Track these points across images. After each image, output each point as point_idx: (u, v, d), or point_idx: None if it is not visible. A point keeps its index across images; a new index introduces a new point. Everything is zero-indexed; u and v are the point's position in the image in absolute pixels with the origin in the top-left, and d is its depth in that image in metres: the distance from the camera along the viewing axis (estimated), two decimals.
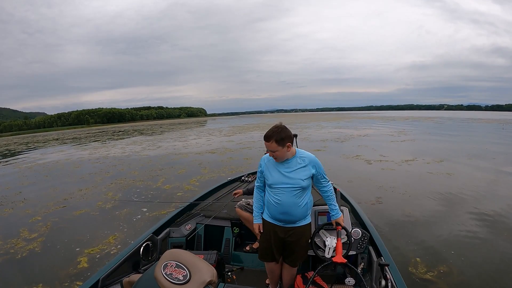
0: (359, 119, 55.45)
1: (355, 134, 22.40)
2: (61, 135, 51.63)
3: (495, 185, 7.27)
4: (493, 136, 19.39)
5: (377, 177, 8.13)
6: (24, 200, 7.55)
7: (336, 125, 36.45)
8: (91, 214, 6.11)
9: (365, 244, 2.57)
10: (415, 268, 3.53)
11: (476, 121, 41.47)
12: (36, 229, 5.38)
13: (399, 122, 39.81)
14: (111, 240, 4.74)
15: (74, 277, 3.70)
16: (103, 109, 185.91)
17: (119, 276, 2.36)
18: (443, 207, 5.71)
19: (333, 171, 8.13)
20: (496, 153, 11.96)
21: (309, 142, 16.28)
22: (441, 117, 59.72)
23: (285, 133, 2.18)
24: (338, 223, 2.43)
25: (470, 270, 3.53)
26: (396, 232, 4.61)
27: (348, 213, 2.62)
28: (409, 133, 22.02)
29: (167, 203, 6.28)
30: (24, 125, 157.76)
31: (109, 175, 10.23)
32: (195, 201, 3.85)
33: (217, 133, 29.66)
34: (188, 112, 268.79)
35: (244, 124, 49.02)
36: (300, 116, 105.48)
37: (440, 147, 14.16)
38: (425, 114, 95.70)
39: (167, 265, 1.53)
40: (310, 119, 60.86)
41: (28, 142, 36.82)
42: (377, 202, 6.02)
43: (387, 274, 2.11)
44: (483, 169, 8.93)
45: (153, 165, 11.87)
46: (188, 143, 20.85)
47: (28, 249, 4.57)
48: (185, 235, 3.23)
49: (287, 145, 2.19)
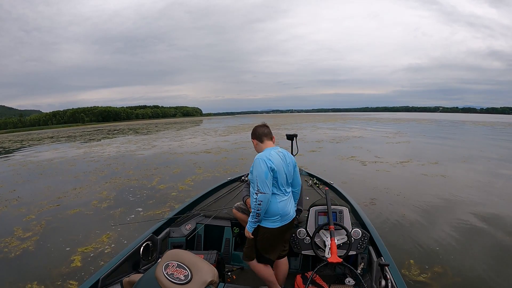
0: (355, 120, 55.68)
1: (350, 135, 22.49)
2: (56, 133, 51.20)
3: (489, 187, 7.34)
4: (487, 139, 19.57)
5: (372, 179, 8.16)
6: (18, 199, 7.46)
7: (332, 126, 36.62)
8: (85, 213, 6.06)
9: (365, 244, 2.57)
10: (408, 270, 3.55)
11: (471, 123, 41.83)
12: (30, 228, 5.32)
13: (394, 124, 40.07)
14: (104, 239, 4.70)
15: (67, 276, 3.68)
16: (98, 108, 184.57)
17: (119, 276, 2.34)
18: (437, 208, 5.75)
19: (328, 172, 8.15)
20: (490, 155, 12.09)
21: (305, 143, 16.30)
22: (436, 119, 60.16)
23: (253, 130, 2.55)
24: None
25: (464, 271, 3.55)
26: (390, 233, 4.61)
27: (348, 213, 2.62)
28: (404, 135, 22.17)
29: (162, 203, 6.26)
30: (19, 122, 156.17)
31: (104, 174, 10.16)
32: (195, 201, 3.84)
33: (213, 133, 29.62)
34: (184, 111, 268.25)
35: (240, 124, 49.03)
36: (295, 117, 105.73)
37: (434, 149, 14.29)
38: (421, 116, 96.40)
39: (169, 265, 1.52)
40: (305, 120, 61.01)
41: (23, 140, 36.46)
42: (370, 203, 6.02)
43: (387, 274, 2.11)
44: (478, 171, 9.03)
45: (148, 164, 11.82)
46: (183, 142, 20.79)
47: (21, 248, 4.52)
48: (185, 235, 3.21)
49: (253, 141, 2.55)
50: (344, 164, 10.49)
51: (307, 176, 5.07)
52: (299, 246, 2.63)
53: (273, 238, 2.42)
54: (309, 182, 4.59)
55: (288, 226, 2.46)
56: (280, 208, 2.35)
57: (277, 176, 2.32)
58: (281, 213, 2.36)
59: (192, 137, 25.95)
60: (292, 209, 2.47)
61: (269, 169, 2.26)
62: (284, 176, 2.37)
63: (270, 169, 2.26)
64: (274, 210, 2.34)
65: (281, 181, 2.35)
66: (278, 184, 2.35)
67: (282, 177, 2.35)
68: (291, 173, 2.46)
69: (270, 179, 2.27)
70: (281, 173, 2.34)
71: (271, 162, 2.29)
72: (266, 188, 2.24)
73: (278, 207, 2.35)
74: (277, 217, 2.36)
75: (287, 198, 2.42)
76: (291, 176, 2.47)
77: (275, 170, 2.29)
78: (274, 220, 2.36)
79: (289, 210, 2.42)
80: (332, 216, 2.52)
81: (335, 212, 2.57)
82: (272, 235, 2.40)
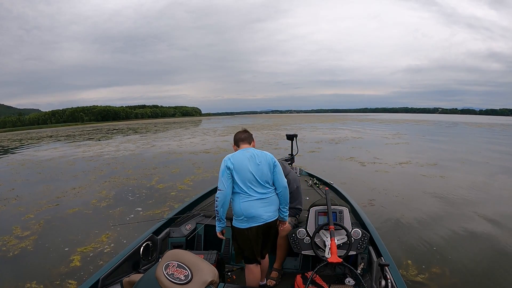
0: (354, 121, 55.71)
1: (349, 136, 22.50)
2: (55, 132, 51.11)
3: (488, 188, 7.37)
4: (486, 140, 19.60)
5: (371, 179, 8.17)
6: (17, 197, 7.45)
7: (331, 126, 36.65)
8: (84, 213, 6.05)
9: (365, 244, 2.57)
10: (406, 271, 3.55)
11: (470, 124, 41.90)
12: (28, 227, 5.31)
13: (393, 125, 40.11)
14: (104, 239, 4.69)
15: (66, 276, 3.67)
16: (97, 107, 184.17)
17: (119, 276, 2.34)
18: (436, 209, 5.76)
19: (327, 173, 8.15)
20: (489, 156, 12.14)
21: (304, 143, 16.28)
22: (435, 120, 60.23)
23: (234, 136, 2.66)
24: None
25: (462, 272, 3.56)
26: (388, 234, 4.60)
27: (348, 213, 2.62)
28: (403, 136, 22.21)
29: (161, 203, 6.25)
30: (18, 121, 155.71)
31: (103, 173, 10.15)
32: (195, 201, 3.84)
33: (212, 133, 29.63)
34: (183, 111, 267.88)
35: (239, 124, 49.01)
36: (295, 117, 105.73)
37: (433, 150, 14.32)
38: (420, 117, 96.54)
39: (169, 265, 1.52)
40: (305, 120, 61.03)
41: (22, 139, 36.33)
42: (369, 204, 6.02)
43: (387, 274, 2.11)
44: (476, 172, 9.06)
45: (147, 164, 11.82)
46: (183, 142, 20.80)
47: (20, 247, 4.51)
48: (185, 235, 3.22)
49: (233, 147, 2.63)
50: (343, 165, 10.50)
51: (307, 176, 5.08)
52: (299, 246, 2.63)
53: (243, 239, 2.44)
54: (309, 182, 4.60)
55: (263, 229, 2.44)
56: (243, 208, 2.35)
57: (237, 174, 2.34)
58: (244, 214, 2.35)
59: (191, 137, 25.96)
60: (267, 212, 2.40)
61: (226, 167, 2.34)
62: (249, 175, 2.35)
63: (226, 167, 2.34)
64: (237, 209, 2.38)
65: (243, 180, 2.35)
66: (239, 183, 2.35)
67: (245, 176, 2.35)
68: (264, 173, 2.39)
69: (226, 177, 2.33)
70: (243, 171, 2.35)
71: (230, 161, 2.36)
72: (221, 185, 2.33)
73: (241, 207, 2.36)
74: (242, 217, 2.38)
75: (257, 199, 2.37)
76: (265, 176, 2.40)
77: (232, 168, 2.34)
78: (241, 221, 2.39)
79: (258, 213, 2.36)
80: (332, 216, 2.52)
81: (335, 212, 2.57)
82: (242, 235, 2.43)
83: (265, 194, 2.40)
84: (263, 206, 2.39)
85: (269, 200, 2.42)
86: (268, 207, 2.42)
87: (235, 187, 2.37)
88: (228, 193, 2.34)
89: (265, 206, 2.40)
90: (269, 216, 2.42)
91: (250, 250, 2.46)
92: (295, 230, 2.67)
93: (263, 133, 26.91)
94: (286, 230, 2.77)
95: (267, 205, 2.41)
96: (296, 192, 3.02)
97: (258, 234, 2.43)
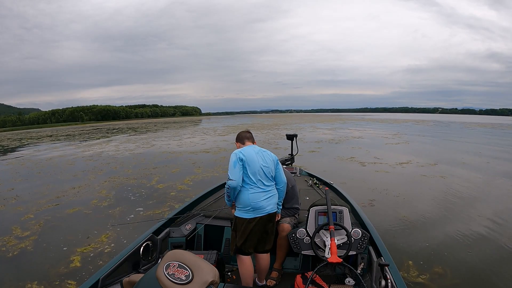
0: (354, 120, 55.74)
1: (349, 135, 22.52)
2: (55, 132, 51.10)
3: (488, 188, 7.37)
4: (486, 141, 19.59)
5: (371, 180, 8.16)
6: (17, 197, 7.44)
7: (331, 126, 36.65)
8: (84, 213, 6.04)
9: (365, 244, 2.56)
10: (406, 272, 3.55)
11: (470, 124, 41.89)
12: (28, 227, 5.30)
13: (393, 125, 40.11)
14: (104, 239, 4.69)
15: (66, 276, 3.66)
16: (97, 106, 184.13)
17: (119, 276, 2.33)
18: (437, 210, 5.75)
19: (327, 173, 8.14)
20: (489, 156, 12.12)
21: (303, 143, 16.27)
22: (435, 120, 60.24)
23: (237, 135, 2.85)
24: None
25: (464, 272, 3.55)
26: (388, 234, 4.59)
27: (348, 213, 2.62)
28: (403, 136, 22.21)
29: (161, 203, 6.25)
30: (18, 121, 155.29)
31: (103, 173, 10.15)
32: (195, 201, 3.84)
33: (212, 132, 29.63)
34: (183, 111, 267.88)
35: (239, 124, 49.02)
36: (294, 117, 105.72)
37: (433, 150, 14.33)
38: (420, 117, 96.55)
39: (170, 265, 1.52)
40: (305, 120, 61.01)
41: (22, 138, 36.30)
42: (369, 204, 6.00)
43: (387, 274, 2.11)
44: (477, 173, 9.04)
45: (147, 163, 11.81)
46: (182, 142, 20.80)
47: (20, 247, 4.50)
48: (185, 235, 3.21)
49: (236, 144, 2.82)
50: (343, 165, 10.50)
51: (307, 176, 5.07)
52: (299, 246, 2.63)
53: (244, 228, 2.55)
54: (309, 182, 4.59)
55: (265, 220, 2.57)
56: (251, 199, 2.51)
57: (248, 166, 2.51)
58: (252, 204, 2.51)
59: (191, 136, 25.96)
60: (271, 205, 2.59)
61: (238, 159, 2.51)
62: (259, 169, 2.54)
63: (239, 159, 2.51)
64: (245, 200, 2.52)
65: (254, 172, 2.52)
66: (250, 174, 2.52)
67: (255, 169, 2.53)
68: (271, 170, 2.62)
69: (239, 168, 2.49)
70: (254, 164, 2.53)
71: (242, 154, 2.54)
72: (233, 175, 2.47)
73: (249, 197, 2.51)
74: (248, 208, 2.53)
75: (262, 191, 2.55)
76: (271, 171, 2.62)
77: (245, 160, 2.51)
78: (247, 211, 2.53)
79: (264, 204, 2.54)
80: (332, 216, 2.52)
81: (335, 212, 2.57)
82: (245, 225, 2.54)
83: (269, 187, 2.62)
84: (267, 199, 2.57)
85: (272, 193, 2.63)
86: (271, 200, 2.61)
87: (245, 178, 2.53)
88: (239, 182, 2.49)
89: (268, 198, 2.58)
90: (271, 208, 2.60)
91: (249, 241, 2.57)
92: (295, 230, 2.68)
93: (262, 132, 26.90)
94: (286, 230, 2.81)
95: (270, 198, 2.60)
96: (291, 192, 3.04)
97: (259, 225, 2.56)
